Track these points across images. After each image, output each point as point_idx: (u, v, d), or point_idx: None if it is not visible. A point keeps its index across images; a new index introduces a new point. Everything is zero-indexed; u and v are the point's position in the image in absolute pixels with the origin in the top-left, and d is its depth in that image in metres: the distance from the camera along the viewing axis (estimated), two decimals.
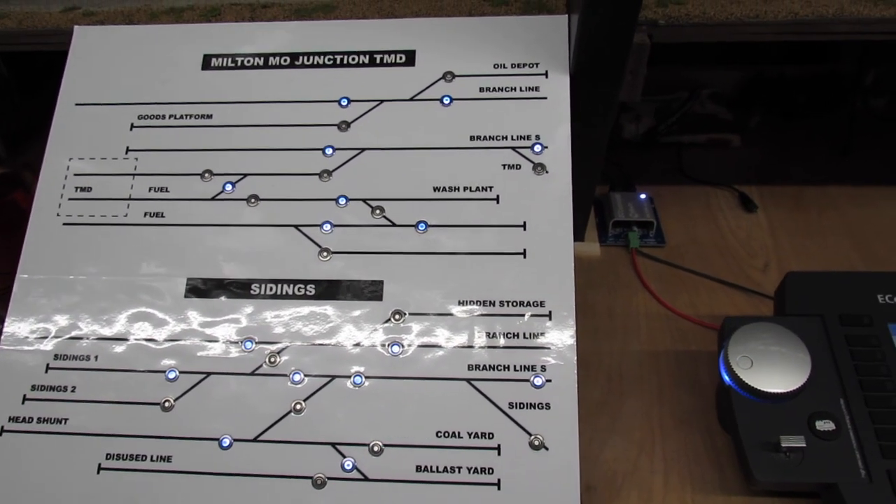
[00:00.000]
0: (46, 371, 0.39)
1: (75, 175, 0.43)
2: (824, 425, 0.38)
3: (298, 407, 0.37)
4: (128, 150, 0.43)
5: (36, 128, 0.44)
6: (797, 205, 0.60)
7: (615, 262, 0.56)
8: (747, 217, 0.59)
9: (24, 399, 0.38)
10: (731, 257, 0.56)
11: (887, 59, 0.64)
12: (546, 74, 0.42)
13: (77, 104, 0.44)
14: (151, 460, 0.37)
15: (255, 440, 0.37)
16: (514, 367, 0.37)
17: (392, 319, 0.38)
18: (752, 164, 0.65)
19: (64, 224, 0.42)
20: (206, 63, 0.44)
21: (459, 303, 0.38)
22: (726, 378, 0.41)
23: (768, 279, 0.53)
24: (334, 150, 0.42)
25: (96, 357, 0.39)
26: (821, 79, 0.68)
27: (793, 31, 0.43)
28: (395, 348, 0.38)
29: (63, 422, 0.38)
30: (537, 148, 0.41)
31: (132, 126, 0.43)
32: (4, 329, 0.40)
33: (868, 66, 0.64)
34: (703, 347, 0.48)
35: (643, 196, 0.59)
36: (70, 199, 0.42)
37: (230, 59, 0.44)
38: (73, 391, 0.38)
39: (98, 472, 0.37)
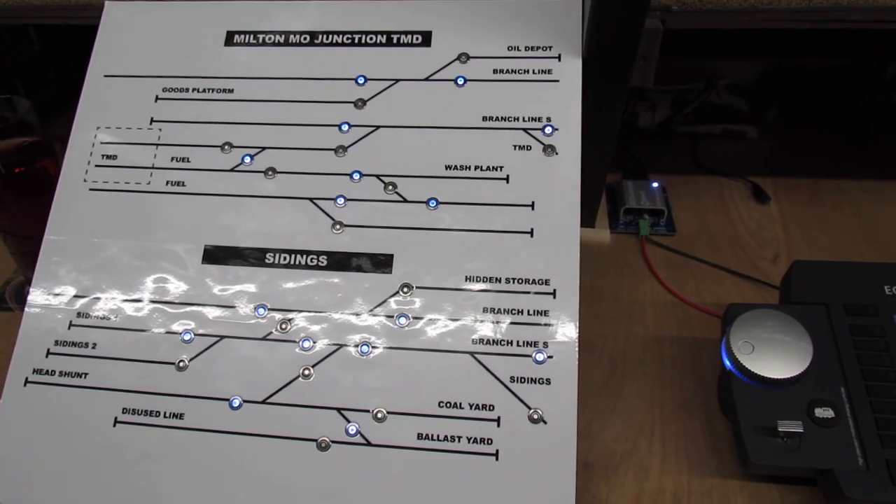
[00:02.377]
0: (69, 328, 0.41)
1: (102, 143, 0.44)
2: (823, 412, 0.39)
3: (307, 372, 0.38)
4: (152, 120, 0.44)
5: (67, 98, 0.45)
6: (811, 198, 0.60)
7: (625, 248, 0.57)
8: (760, 208, 0.60)
9: (48, 353, 0.40)
10: (741, 248, 0.56)
11: None
12: (559, 58, 0.43)
13: (105, 76, 0.46)
14: (165, 416, 0.38)
15: (263, 402, 0.38)
16: (517, 342, 0.38)
17: (400, 292, 0.40)
18: (767, 156, 0.65)
19: (90, 189, 0.43)
20: (230, 39, 0.46)
21: (466, 279, 0.39)
22: (727, 362, 0.41)
23: (777, 270, 0.53)
24: (350, 126, 0.43)
25: (116, 317, 0.40)
26: (841, 71, 0.67)
27: (807, 19, 0.43)
28: (402, 320, 0.39)
29: (83, 376, 0.40)
30: (548, 130, 0.41)
31: (157, 98, 0.45)
32: (31, 286, 0.42)
33: (890, 59, 0.63)
34: (707, 335, 0.49)
35: (655, 185, 0.59)
36: (96, 165, 0.44)
37: (252, 36, 0.45)
38: (93, 348, 0.40)
39: (114, 426, 0.39)
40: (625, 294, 0.53)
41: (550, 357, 0.38)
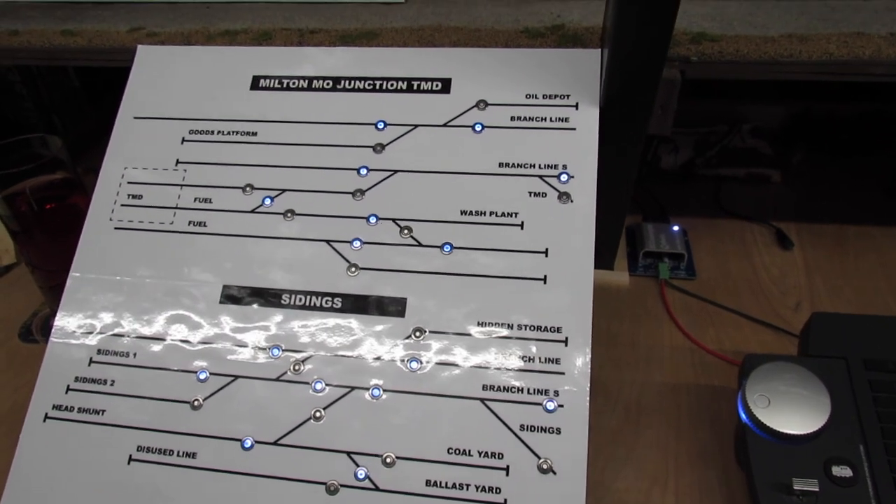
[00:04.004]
0: (90, 364, 0.42)
1: (129, 183, 0.46)
2: (841, 471, 0.38)
3: (318, 415, 0.39)
4: (178, 162, 0.46)
5: (103, 133, 0.47)
6: (836, 245, 0.59)
7: (644, 292, 0.56)
8: (783, 255, 0.59)
9: (68, 389, 0.41)
10: (763, 294, 0.55)
11: None
12: (576, 106, 0.43)
13: (135, 117, 0.47)
14: (178, 455, 0.39)
15: (275, 443, 0.38)
16: (528, 390, 0.38)
17: (413, 336, 0.40)
18: (791, 201, 0.65)
19: (115, 228, 0.45)
20: (255, 83, 0.47)
21: (479, 324, 0.40)
22: (743, 416, 0.40)
23: (799, 319, 0.52)
24: (369, 170, 0.44)
25: (135, 354, 0.41)
26: (869, 117, 0.67)
27: (828, 72, 0.43)
28: (414, 364, 0.39)
29: (101, 413, 0.40)
30: (563, 177, 0.42)
31: (183, 140, 0.46)
32: (55, 322, 0.43)
33: None
34: (725, 383, 0.48)
35: (676, 228, 0.59)
36: (122, 204, 0.45)
37: (277, 81, 0.47)
38: (112, 385, 0.41)
39: (129, 463, 0.39)
40: (642, 339, 0.52)
41: (561, 406, 0.38)
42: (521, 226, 0.41)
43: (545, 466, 0.36)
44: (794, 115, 0.68)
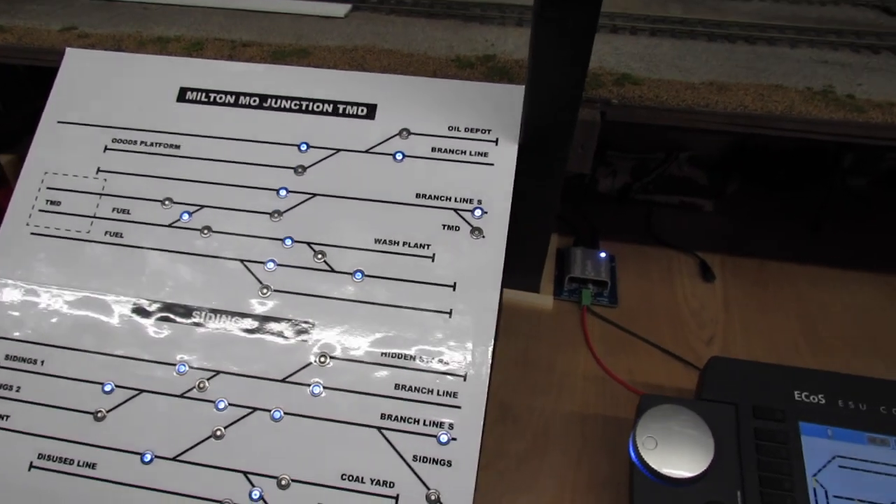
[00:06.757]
0: None
1: (48, 188, 0.46)
2: None
3: (219, 433, 0.40)
4: (99, 170, 0.46)
5: (17, 137, 0.47)
6: (756, 279, 0.61)
7: (565, 317, 0.58)
8: (704, 286, 0.60)
9: None
10: (680, 326, 0.57)
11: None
12: (496, 142, 0.44)
13: (59, 122, 0.47)
14: (78, 465, 0.40)
15: (174, 459, 0.39)
16: (424, 421, 0.39)
17: (317, 361, 0.41)
18: (720, 232, 0.66)
19: (32, 234, 0.45)
20: (182, 95, 0.47)
21: (382, 354, 0.40)
22: (632, 455, 0.42)
23: (711, 353, 0.54)
24: (288, 192, 0.44)
25: (43, 362, 0.42)
26: (802, 153, 0.68)
27: (741, 124, 0.44)
28: (316, 389, 0.40)
29: (5, 418, 0.41)
30: (477, 212, 0.43)
31: (106, 148, 0.46)
32: None
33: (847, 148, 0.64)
34: (631, 415, 0.50)
35: (603, 255, 0.60)
36: (41, 210, 0.45)
37: (204, 94, 0.47)
38: (17, 391, 0.41)
39: (29, 470, 0.40)
40: (558, 365, 0.54)
41: (454, 439, 0.39)
42: (433, 258, 0.42)
43: (433, 497, 0.38)
44: (732, 144, 0.69)
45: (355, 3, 0.59)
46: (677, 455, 0.41)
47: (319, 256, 0.43)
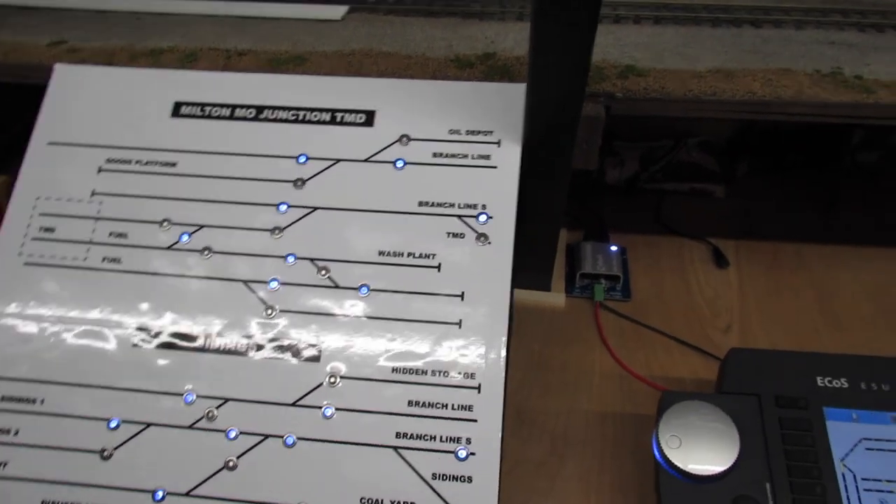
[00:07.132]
0: None
1: (41, 215, 0.44)
2: None
3: (231, 464, 0.39)
4: (93, 193, 0.44)
5: (7, 157, 0.45)
6: (771, 263, 0.60)
7: (578, 314, 0.56)
8: (718, 274, 0.59)
9: None
10: (695, 316, 0.56)
11: None
12: (499, 143, 0.42)
13: (49, 143, 0.46)
14: None
15: (186, 494, 0.38)
16: (441, 437, 0.38)
17: (328, 382, 0.40)
18: (732, 216, 0.65)
19: (25, 264, 0.43)
20: (176, 110, 0.46)
21: (393, 370, 0.39)
22: (657, 454, 0.41)
23: (728, 342, 0.53)
24: (288, 207, 0.43)
25: (42, 401, 0.40)
26: (813, 132, 0.66)
27: (750, 111, 0.42)
28: (328, 411, 0.39)
29: (3, 465, 0.39)
30: (482, 218, 0.41)
31: (100, 169, 0.45)
32: None
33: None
34: (651, 411, 0.48)
35: (614, 248, 0.59)
36: (33, 238, 0.44)
37: (199, 108, 0.45)
38: (15, 434, 0.40)
39: None
40: (573, 364, 0.53)
41: (473, 454, 0.38)
42: (439, 268, 0.41)
43: None
44: (741, 127, 0.67)
45: (352, 4, 0.57)
46: (703, 451, 0.40)
47: (323, 272, 0.41)
